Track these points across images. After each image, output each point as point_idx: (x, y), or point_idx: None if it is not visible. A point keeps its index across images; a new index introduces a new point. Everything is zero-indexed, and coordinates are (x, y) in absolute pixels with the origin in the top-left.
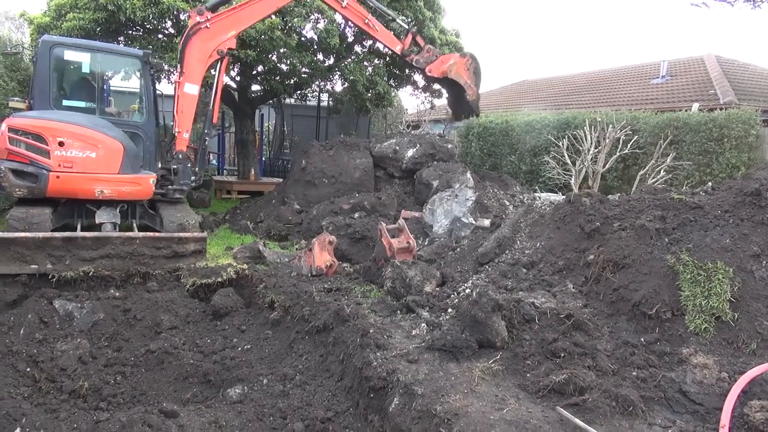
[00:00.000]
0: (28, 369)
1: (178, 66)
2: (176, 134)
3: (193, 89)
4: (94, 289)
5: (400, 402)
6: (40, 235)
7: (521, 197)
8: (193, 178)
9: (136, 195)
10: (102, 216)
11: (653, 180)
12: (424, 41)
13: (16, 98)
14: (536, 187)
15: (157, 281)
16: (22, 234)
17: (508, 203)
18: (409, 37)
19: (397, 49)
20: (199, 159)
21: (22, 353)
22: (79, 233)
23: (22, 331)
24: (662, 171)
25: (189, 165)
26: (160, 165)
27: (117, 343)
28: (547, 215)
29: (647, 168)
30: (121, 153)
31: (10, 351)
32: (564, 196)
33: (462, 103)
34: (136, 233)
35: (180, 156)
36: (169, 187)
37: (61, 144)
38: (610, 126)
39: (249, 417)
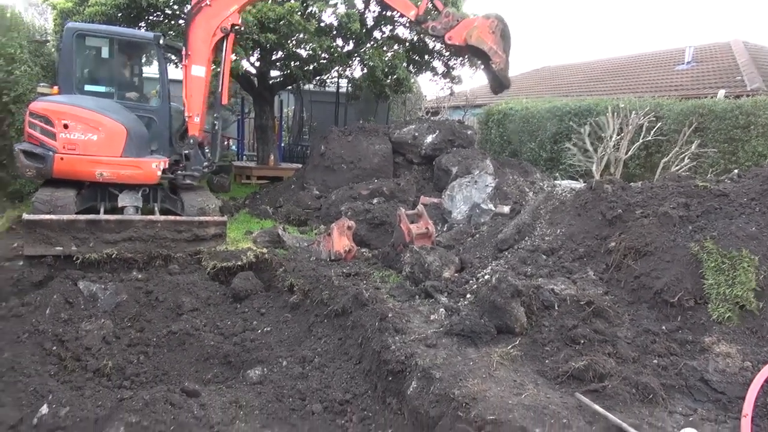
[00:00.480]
0: (54, 348)
1: (184, 48)
2: (187, 119)
3: (200, 71)
4: (117, 271)
5: (418, 385)
6: (65, 217)
7: (541, 184)
8: (205, 164)
9: (136, 179)
10: (124, 199)
11: (677, 167)
12: (443, 4)
13: (42, 84)
14: (557, 174)
15: (178, 264)
16: (48, 216)
17: (528, 190)
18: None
19: (412, 14)
20: (212, 144)
21: (48, 332)
22: (102, 216)
23: (47, 311)
24: (686, 158)
25: (207, 150)
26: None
27: (140, 323)
28: (567, 202)
29: (671, 155)
30: (123, 136)
31: (36, 330)
32: (585, 183)
33: (495, 75)
34: (157, 217)
35: (191, 141)
36: (179, 172)
37: (65, 126)
38: (633, 112)
39: (269, 398)
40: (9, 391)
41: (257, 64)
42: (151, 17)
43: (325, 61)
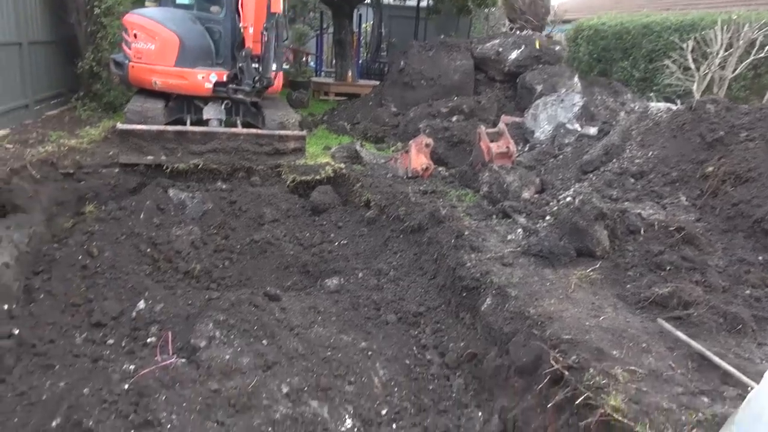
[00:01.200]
0: (148, 250)
1: None
2: (242, 30)
3: None
4: (204, 181)
5: (492, 302)
6: (154, 128)
7: (632, 106)
8: (256, 77)
9: (183, 89)
10: (209, 112)
11: None
12: None
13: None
14: (650, 95)
15: (259, 176)
16: (140, 126)
17: (617, 111)
18: None
19: None
20: (263, 58)
21: (143, 235)
22: (188, 127)
23: (142, 216)
24: None
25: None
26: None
27: (224, 231)
28: (663, 123)
29: None
30: (176, 46)
31: (132, 233)
32: (683, 104)
33: None
34: (240, 129)
35: (243, 53)
36: (231, 86)
37: (135, 36)
38: (747, 25)
39: (345, 306)
40: (110, 287)
41: None
42: None
43: None
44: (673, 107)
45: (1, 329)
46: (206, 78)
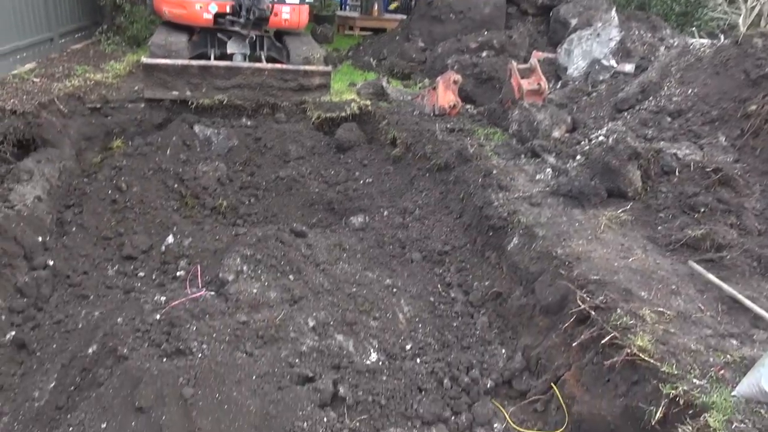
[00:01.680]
0: (176, 185)
1: None
2: None
3: None
4: (228, 117)
5: (519, 242)
6: (179, 62)
7: (671, 42)
8: (250, 7)
9: (183, 18)
10: (233, 47)
11: None
12: None
13: None
14: (692, 30)
15: (284, 113)
16: (164, 61)
17: (656, 47)
18: None
19: None
20: None
21: (170, 171)
22: (213, 62)
23: (168, 152)
24: None
25: None
26: None
27: (250, 168)
28: (705, 58)
29: None
30: None
31: (159, 168)
32: (728, 39)
33: None
34: (264, 65)
35: None
36: (228, 17)
37: None
38: None
39: (370, 243)
40: (140, 221)
41: None
42: None
43: None
44: (717, 43)
45: (37, 260)
46: (205, 8)
